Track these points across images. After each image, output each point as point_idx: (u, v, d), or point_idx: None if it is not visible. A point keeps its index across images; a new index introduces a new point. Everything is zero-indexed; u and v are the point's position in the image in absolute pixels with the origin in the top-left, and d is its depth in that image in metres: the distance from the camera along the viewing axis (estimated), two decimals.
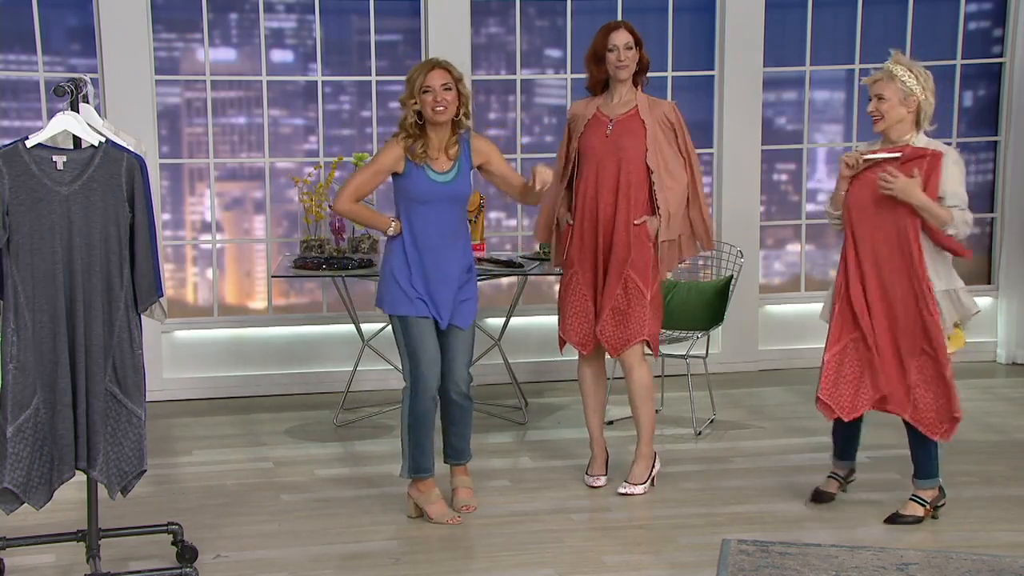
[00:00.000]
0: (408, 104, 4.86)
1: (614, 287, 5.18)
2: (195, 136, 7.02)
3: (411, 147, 4.86)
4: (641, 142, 5.13)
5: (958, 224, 4.74)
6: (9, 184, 3.91)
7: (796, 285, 7.68)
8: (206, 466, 5.73)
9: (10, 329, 3.93)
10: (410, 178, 4.88)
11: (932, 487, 4.94)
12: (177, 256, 7.09)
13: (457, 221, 4.95)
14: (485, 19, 7.23)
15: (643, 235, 5.15)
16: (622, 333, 5.18)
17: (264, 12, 6.95)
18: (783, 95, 7.60)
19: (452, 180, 4.89)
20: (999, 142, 7.70)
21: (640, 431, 5.31)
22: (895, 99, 4.81)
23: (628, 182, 5.15)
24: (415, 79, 4.84)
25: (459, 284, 4.93)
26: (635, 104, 5.18)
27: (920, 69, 4.84)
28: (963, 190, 4.79)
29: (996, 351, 7.74)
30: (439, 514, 4.97)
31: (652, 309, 5.19)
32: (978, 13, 7.65)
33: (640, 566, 4.52)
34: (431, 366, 4.88)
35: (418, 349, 4.88)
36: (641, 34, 5.19)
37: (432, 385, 4.89)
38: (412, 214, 4.90)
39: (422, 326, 4.88)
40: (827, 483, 5.17)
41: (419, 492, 5.00)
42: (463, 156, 4.93)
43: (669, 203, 5.15)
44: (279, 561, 4.56)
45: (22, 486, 3.97)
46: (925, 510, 4.92)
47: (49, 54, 6.73)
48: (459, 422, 5.07)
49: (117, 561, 4.41)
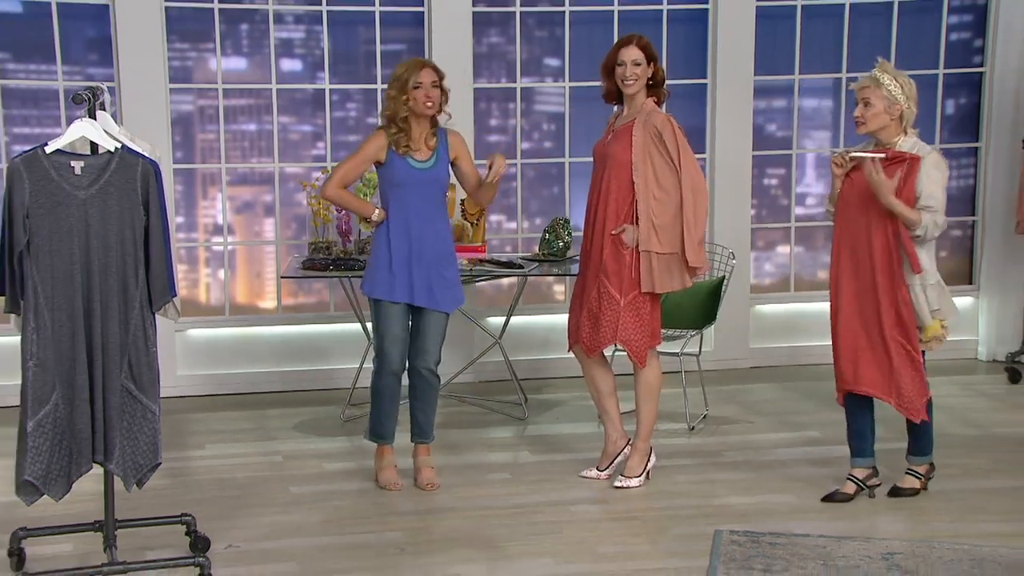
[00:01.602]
0: (398, 99, 5.05)
1: (591, 291, 5.19)
2: (207, 142, 7.00)
3: (396, 139, 5.08)
4: (627, 153, 5.09)
5: (927, 225, 4.75)
6: (29, 188, 3.91)
7: (786, 286, 7.67)
8: (218, 459, 5.73)
9: (30, 328, 3.93)
10: (392, 166, 5.11)
11: (926, 462, 5.08)
12: (190, 257, 7.08)
13: (435, 205, 5.17)
14: (486, 29, 7.22)
15: (618, 243, 5.11)
16: (595, 335, 5.18)
17: (274, 23, 6.94)
18: (773, 103, 7.59)
19: (431, 167, 5.13)
20: (980, 148, 7.69)
21: (640, 427, 5.29)
22: (880, 105, 4.82)
23: (609, 190, 5.12)
24: (405, 76, 5.06)
25: (437, 267, 5.13)
26: (635, 117, 5.15)
27: (905, 78, 4.86)
28: (940, 192, 4.78)
29: (977, 349, 7.73)
30: (384, 480, 5.25)
31: (629, 315, 5.11)
32: (960, 25, 7.64)
33: (636, 556, 4.51)
34: (394, 345, 5.15)
35: (385, 330, 5.15)
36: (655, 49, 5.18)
37: (394, 361, 5.17)
38: (394, 199, 5.13)
39: (391, 310, 5.14)
40: (844, 485, 5.09)
41: (376, 456, 5.31)
42: (441, 146, 5.16)
43: (655, 213, 5.06)
44: (288, 551, 4.55)
45: (42, 478, 3.97)
46: (921, 483, 5.06)
47: (68, 64, 6.73)
48: (424, 399, 5.28)
49: (133, 550, 4.40)
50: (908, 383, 4.87)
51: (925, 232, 4.76)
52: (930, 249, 4.89)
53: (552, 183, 7.40)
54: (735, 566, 4.33)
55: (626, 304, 5.12)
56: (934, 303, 4.85)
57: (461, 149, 5.23)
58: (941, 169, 4.82)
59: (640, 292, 5.13)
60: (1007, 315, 7.58)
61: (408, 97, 5.04)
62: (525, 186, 7.34)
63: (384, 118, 5.15)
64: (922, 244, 4.82)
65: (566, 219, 6.74)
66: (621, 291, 5.12)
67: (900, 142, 4.84)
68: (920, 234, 4.76)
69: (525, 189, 7.34)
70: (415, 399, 5.29)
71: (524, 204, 7.35)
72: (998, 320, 7.62)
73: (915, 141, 4.87)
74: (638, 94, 5.16)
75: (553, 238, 6.64)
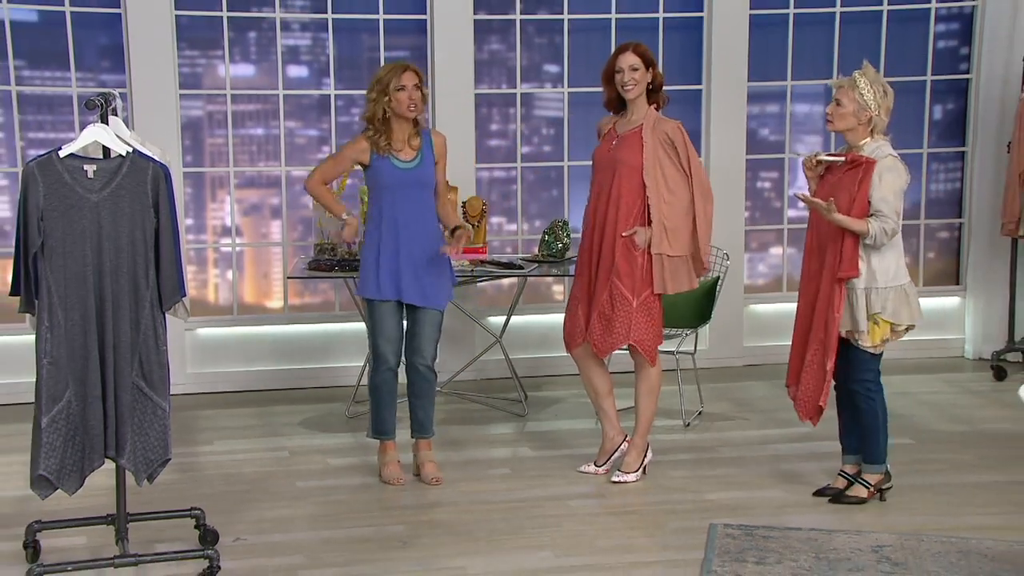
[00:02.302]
0: (380, 100, 5.02)
1: (601, 293, 5.17)
2: (216, 146, 7.01)
3: (376, 141, 5.05)
4: (638, 157, 5.09)
5: (875, 234, 4.68)
6: (44, 192, 3.91)
7: (778, 286, 7.67)
8: (226, 455, 5.73)
9: (44, 327, 3.93)
10: (377, 168, 5.09)
11: (878, 472, 4.96)
12: (199, 259, 7.08)
13: (423, 205, 5.14)
14: (487, 36, 7.22)
15: (631, 245, 5.12)
16: (608, 337, 5.16)
17: (281, 31, 6.94)
18: (766, 108, 7.59)
19: (416, 167, 5.10)
20: (966, 152, 7.69)
21: (639, 423, 5.29)
22: (850, 107, 4.78)
23: (620, 194, 5.12)
24: (387, 78, 5.03)
25: (426, 265, 5.09)
26: (642, 122, 5.15)
27: (881, 86, 4.78)
28: (891, 196, 4.69)
29: (964, 347, 7.73)
30: (388, 475, 5.23)
31: (641, 316, 5.13)
32: (947, 32, 7.64)
33: (633, 549, 4.51)
34: (388, 343, 5.14)
35: (378, 328, 5.15)
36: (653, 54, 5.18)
37: (389, 359, 5.15)
38: (382, 200, 5.11)
39: (384, 308, 5.12)
40: (836, 480, 5.07)
41: (378, 453, 5.27)
42: (426, 146, 5.13)
43: (665, 216, 5.09)
44: (294, 544, 4.55)
45: (56, 473, 3.97)
46: (869, 492, 4.95)
47: (81, 70, 6.73)
48: (423, 395, 5.26)
49: (144, 543, 4.41)
50: (809, 380, 4.87)
51: (875, 240, 4.69)
52: (897, 251, 4.81)
53: (551, 186, 7.40)
54: (729, 559, 4.34)
55: (639, 305, 5.12)
56: (876, 306, 4.76)
57: (442, 152, 5.18)
58: (896, 173, 4.73)
59: (652, 293, 5.14)
60: (993, 314, 7.57)
61: (390, 99, 5.00)
62: (525, 189, 7.34)
63: (364, 120, 5.11)
64: (876, 250, 4.74)
65: (565, 221, 6.74)
66: (634, 292, 5.11)
67: (865, 144, 4.82)
68: (870, 242, 4.71)
69: (525, 192, 7.34)
70: (413, 396, 5.28)
71: (524, 207, 7.35)
72: (984, 319, 7.62)
73: (879, 144, 4.79)
74: (639, 99, 5.16)
75: (552, 240, 6.65)
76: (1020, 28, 7.35)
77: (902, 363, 7.11)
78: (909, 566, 4.28)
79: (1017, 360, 7.39)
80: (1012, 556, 4.36)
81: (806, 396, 4.91)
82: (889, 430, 4.95)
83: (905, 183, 4.78)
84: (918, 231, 7.68)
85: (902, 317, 4.81)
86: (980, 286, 7.64)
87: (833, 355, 4.80)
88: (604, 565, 4.35)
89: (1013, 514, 4.84)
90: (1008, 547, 4.45)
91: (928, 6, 7.50)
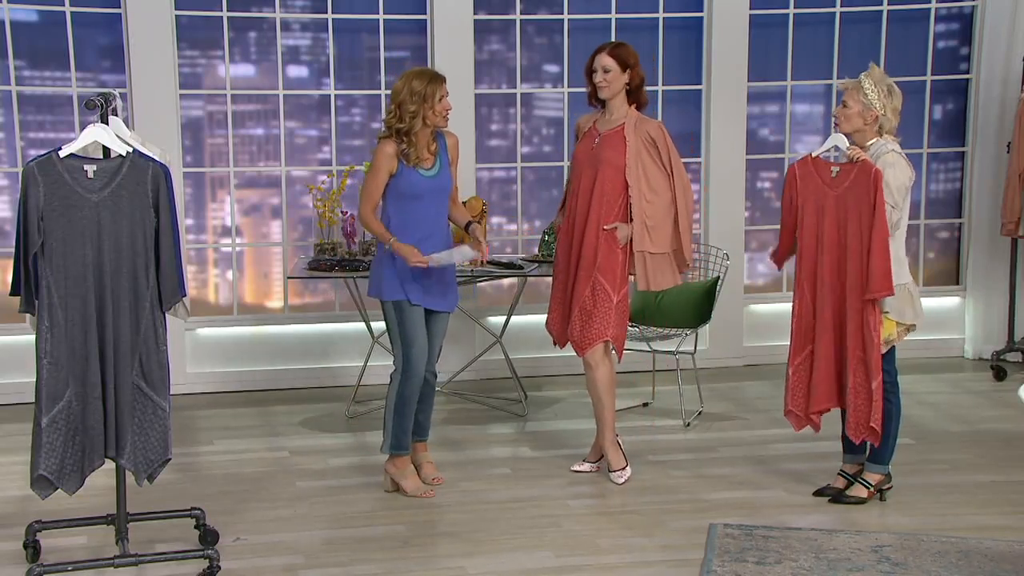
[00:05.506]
0: (420, 111, 4.86)
1: (583, 288, 5.17)
2: (216, 146, 7.00)
3: (408, 153, 4.91)
4: (621, 157, 5.11)
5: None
6: (44, 192, 3.91)
7: (778, 286, 7.66)
8: (226, 455, 5.73)
9: (44, 327, 3.93)
10: (403, 177, 4.95)
11: (880, 473, 4.96)
12: (199, 258, 7.08)
13: (443, 209, 5.07)
14: (487, 36, 7.22)
15: (612, 241, 5.13)
16: (586, 333, 5.16)
17: (281, 31, 6.94)
18: (766, 108, 7.59)
19: (437, 175, 5.00)
20: (966, 152, 7.69)
21: (603, 423, 5.29)
22: (855, 108, 4.78)
23: (602, 191, 5.13)
24: (427, 90, 4.86)
25: (445, 269, 5.02)
26: (623, 121, 5.17)
27: (886, 86, 4.78)
28: (894, 190, 4.69)
29: (964, 347, 7.73)
30: (414, 488, 5.10)
31: (618, 313, 5.15)
32: (947, 33, 7.64)
33: (633, 548, 4.51)
34: (422, 353, 5.00)
35: (412, 336, 4.98)
36: (635, 54, 5.16)
37: (421, 371, 5.02)
38: (403, 209, 4.97)
39: (416, 313, 4.98)
40: (836, 480, 5.08)
41: (396, 468, 5.12)
42: (441, 151, 5.03)
43: (647, 215, 5.12)
44: (294, 544, 4.55)
45: (56, 473, 3.97)
46: (869, 492, 4.95)
47: (81, 71, 6.72)
48: (427, 400, 5.21)
49: (144, 543, 4.41)
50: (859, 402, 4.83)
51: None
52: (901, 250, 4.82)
53: (551, 186, 7.39)
54: (729, 558, 4.34)
55: (618, 301, 5.14)
56: (885, 304, 4.77)
57: (456, 154, 5.10)
58: (897, 168, 4.72)
59: (627, 293, 5.19)
60: (993, 314, 7.57)
61: (433, 110, 4.87)
62: (525, 189, 7.34)
63: (391, 130, 4.92)
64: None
65: None
66: (615, 289, 5.13)
67: (870, 144, 4.80)
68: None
69: (525, 192, 7.34)
70: (419, 401, 5.17)
71: (524, 207, 7.35)
72: (984, 319, 7.62)
73: (883, 142, 4.79)
74: (616, 99, 5.17)
75: (552, 240, 6.64)
76: (1020, 28, 7.36)
77: (902, 363, 7.01)
78: (909, 566, 4.27)
79: (1017, 360, 7.39)
80: (1012, 556, 4.36)
81: (857, 418, 4.83)
82: (903, 433, 4.93)
83: (908, 179, 4.78)
84: (918, 231, 7.67)
85: (906, 316, 4.83)
86: (980, 286, 7.64)
87: (879, 374, 4.77)
88: (604, 565, 4.35)
89: (1013, 514, 4.84)
90: (1008, 547, 4.45)
91: (928, 6, 7.50)
